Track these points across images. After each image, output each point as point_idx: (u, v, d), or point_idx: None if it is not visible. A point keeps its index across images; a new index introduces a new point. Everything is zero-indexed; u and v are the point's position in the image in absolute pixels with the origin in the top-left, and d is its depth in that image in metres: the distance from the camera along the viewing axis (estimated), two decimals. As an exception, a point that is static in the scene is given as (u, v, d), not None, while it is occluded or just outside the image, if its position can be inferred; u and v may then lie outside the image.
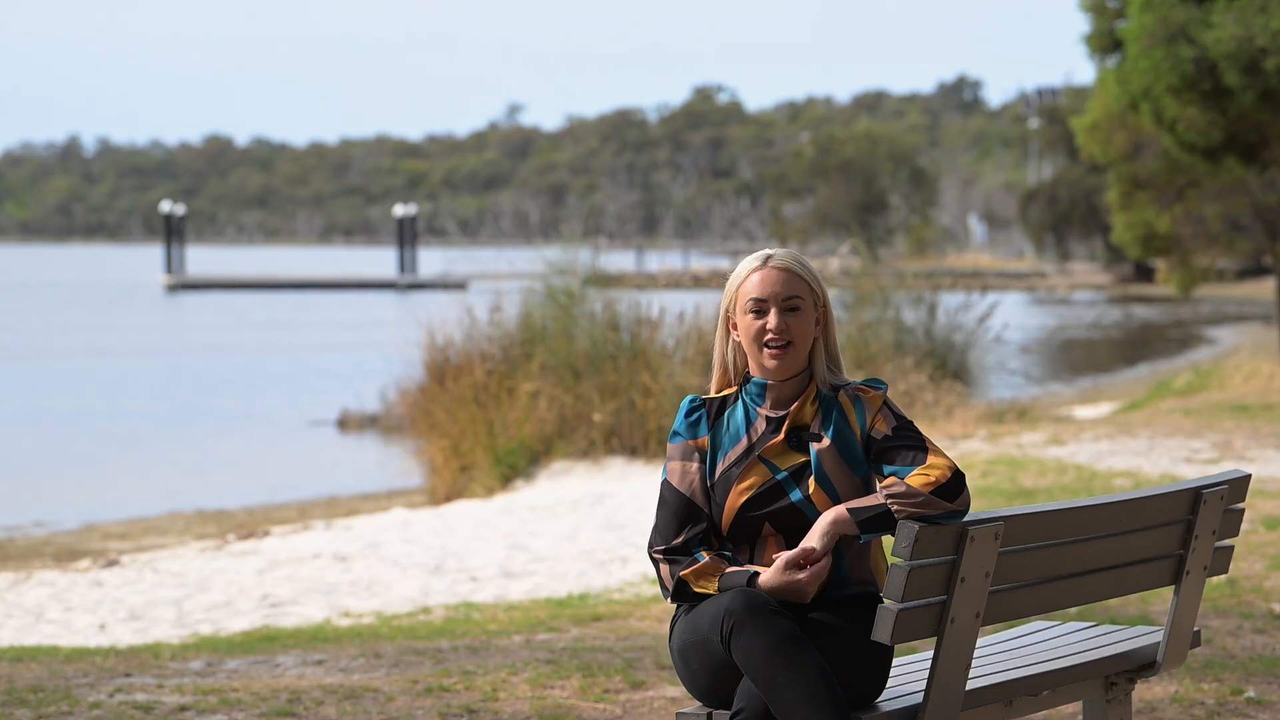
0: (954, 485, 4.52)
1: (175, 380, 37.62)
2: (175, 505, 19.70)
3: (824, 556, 4.56)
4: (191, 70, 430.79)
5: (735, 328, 4.81)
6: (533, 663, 7.86)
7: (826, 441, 4.70)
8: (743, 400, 4.80)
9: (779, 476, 4.70)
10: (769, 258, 4.79)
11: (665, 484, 4.77)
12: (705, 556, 4.67)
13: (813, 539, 4.57)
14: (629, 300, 19.71)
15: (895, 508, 4.51)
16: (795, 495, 4.68)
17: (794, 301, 4.75)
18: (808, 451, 4.71)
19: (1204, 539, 5.16)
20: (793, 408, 4.74)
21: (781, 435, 4.72)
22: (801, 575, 4.56)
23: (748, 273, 4.79)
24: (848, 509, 4.56)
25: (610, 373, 18.59)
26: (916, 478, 4.54)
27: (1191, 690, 7.07)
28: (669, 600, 4.73)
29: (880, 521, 4.53)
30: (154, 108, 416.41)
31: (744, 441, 4.74)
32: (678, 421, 4.80)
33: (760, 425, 4.76)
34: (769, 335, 4.73)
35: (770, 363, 4.74)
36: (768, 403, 4.77)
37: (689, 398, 4.82)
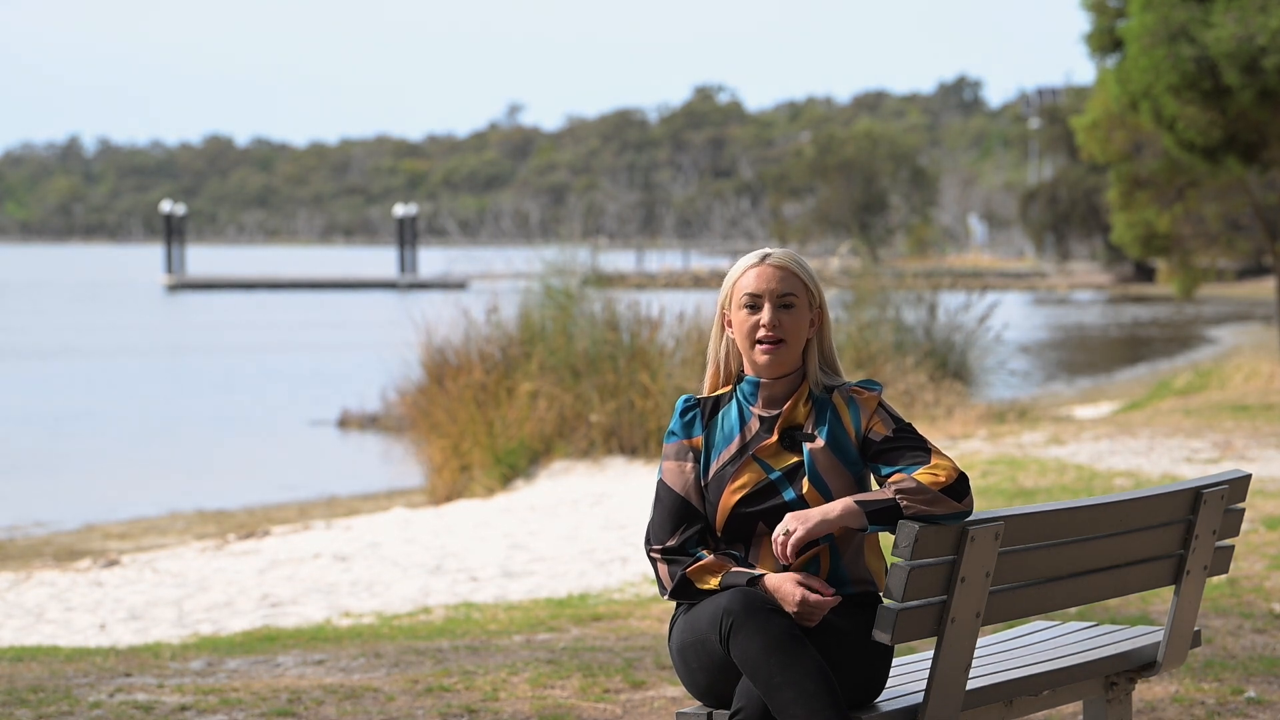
0: (961, 486, 4.53)
1: (175, 380, 37.61)
2: (175, 505, 19.69)
3: (810, 537, 4.54)
4: (191, 70, 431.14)
5: (729, 324, 4.81)
6: (533, 663, 7.86)
7: (820, 442, 4.69)
8: (736, 399, 4.79)
9: (772, 476, 4.70)
10: (767, 255, 4.80)
11: (661, 483, 4.77)
12: (707, 554, 4.68)
13: (812, 519, 4.54)
14: (628, 300, 19.67)
15: (904, 503, 4.51)
16: (789, 495, 4.68)
17: (789, 299, 4.75)
18: (801, 451, 4.71)
19: (1204, 539, 5.16)
20: (785, 407, 4.74)
21: (775, 436, 4.72)
22: (815, 598, 4.55)
23: (744, 269, 4.79)
24: (856, 500, 4.56)
25: (609, 373, 18.58)
26: (924, 475, 4.54)
27: (1192, 690, 7.06)
28: (667, 598, 4.73)
29: (887, 515, 4.52)
30: (154, 108, 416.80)
31: (737, 441, 4.74)
32: (673, 421, 4.81)
33: (754, 425, 4.75)
34: (762, 330, 4.73)
35: (762, 359, 4.73)
36: (760, 402, 4.76)
37: (684, 397, 4.82)
